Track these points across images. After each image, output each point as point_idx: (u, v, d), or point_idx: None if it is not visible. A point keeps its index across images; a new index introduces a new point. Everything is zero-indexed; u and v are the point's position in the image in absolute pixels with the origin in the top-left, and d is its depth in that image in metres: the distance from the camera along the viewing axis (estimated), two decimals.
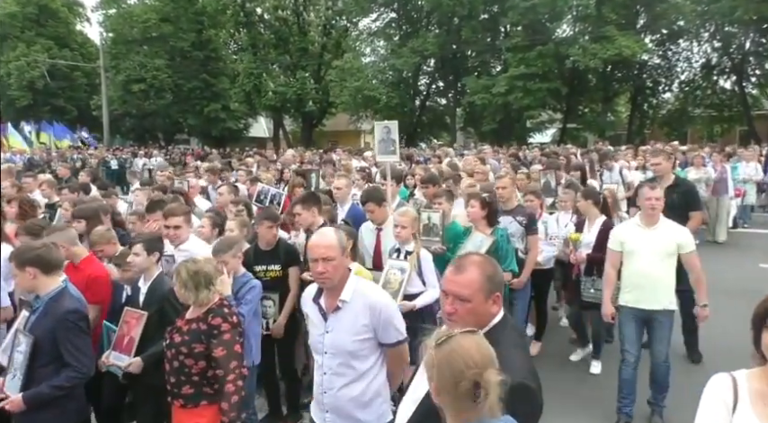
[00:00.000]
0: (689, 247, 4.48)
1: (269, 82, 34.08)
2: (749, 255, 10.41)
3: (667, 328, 4.52)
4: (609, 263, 4.67)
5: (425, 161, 13.67)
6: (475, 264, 2.13)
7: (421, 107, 34.19)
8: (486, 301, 2.08)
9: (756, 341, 1.89)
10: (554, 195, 7.57)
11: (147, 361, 3.55)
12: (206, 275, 3.18)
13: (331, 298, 2.82)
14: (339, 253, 2.75)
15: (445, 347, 1.66)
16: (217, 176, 9.41)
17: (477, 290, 2.05)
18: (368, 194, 5.20)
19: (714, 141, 25.17)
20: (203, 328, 3.10)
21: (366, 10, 32.62)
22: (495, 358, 1.67)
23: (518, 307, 5.44)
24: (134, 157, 26.09)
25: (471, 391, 1.61)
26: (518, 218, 5.53)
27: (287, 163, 12.61)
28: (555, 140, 30.15)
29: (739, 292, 8.01)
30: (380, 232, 5.05)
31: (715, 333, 6.22)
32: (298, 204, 5.00)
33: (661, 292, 4.44)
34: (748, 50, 27.61)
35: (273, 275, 4.68)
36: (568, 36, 28.01)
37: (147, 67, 35.20)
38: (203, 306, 3.19)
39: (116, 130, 38.28)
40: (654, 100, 31.48)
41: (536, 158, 13.15)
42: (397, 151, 6.02)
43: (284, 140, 38.53)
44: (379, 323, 2.76)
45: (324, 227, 4.07)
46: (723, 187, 11.38)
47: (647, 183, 5.70)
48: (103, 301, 4.09)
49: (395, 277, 4.40)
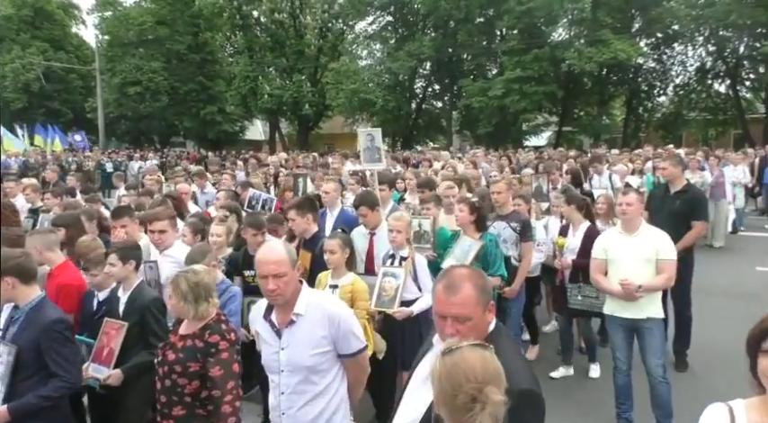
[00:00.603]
0: (666, 254, 4.35)
1: (265, 85, 34.05)
2: (745, 258, 10.44)
3: (656, 337, 4.39)
4: (594, 270, 4.60)
5: (418, 164, 13.52)
6: (465, 278, 2.07)
7: (417, 110, 34.23)
8: (484, 313, 2.06)
9: (753, 367, 1.79)
10: (547, 200, 7.49)
11: (127, 373, 3.44)
12: (206, 287, 3.00)
13: (283, 313, 2.70)
14: (290, 267, 2.64)
15: (448, 360, 1.66)
16: (205, 180, 9.28)
17: (475, 304, 2.02)
18: (361, 198, 5.13)
19: (708, 145, 25.24)
20: (199, 346, 2.88)
21: (362, 13, 32.68)
22: (501, 375, 1.65)
23: (513, 315, 5.37)
24: (129, 160, 26.03)
25: (468, 404, 1.59)
26: (512, 224, 5.42)
27: (274, 166, 12.40)
28: (550, 143, 30.18)
29: (737, 294, 8.02)
30: (373, 237, 4.98)
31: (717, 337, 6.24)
32: (292, 209, 4.93)
33: (643, 300, 4.35)
34: (742, 54, 27.78)
35: None
36: (564, 39, 28.11)
37: (142, 70, 35.14)
38: (200, 321, 2.98)
39: (111, 132, 38.17)
40: (649, 103, 31.59)
41: (530, 162, 13.03)
42: (382, 159, 5.89)
43: (280, 143, 38.54)
44: (338, 333, 2.67)
45: (274, 240, 3.95)
46: (720, 191, 11.32)
47: (664, 192, 5.83)
48: (71, 311, 3.91)
49: (389, 284, 4.34)
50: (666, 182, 6.07)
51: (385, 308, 4.28)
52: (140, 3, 38.23)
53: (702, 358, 5.94)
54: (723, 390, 5.36)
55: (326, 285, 4.14)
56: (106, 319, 3.63)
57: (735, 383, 5.49)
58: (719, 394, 4.75)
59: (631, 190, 4.68)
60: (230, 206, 5.94)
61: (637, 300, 4.32)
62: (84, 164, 24.04)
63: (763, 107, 28.66)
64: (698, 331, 5.93)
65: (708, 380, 5.55)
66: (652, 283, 4.34)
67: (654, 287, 4.37)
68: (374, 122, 33.17)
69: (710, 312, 6.65)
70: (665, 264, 4.34)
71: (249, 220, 4.92)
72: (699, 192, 6.28)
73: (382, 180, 5.99)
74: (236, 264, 4.85)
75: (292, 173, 9.89)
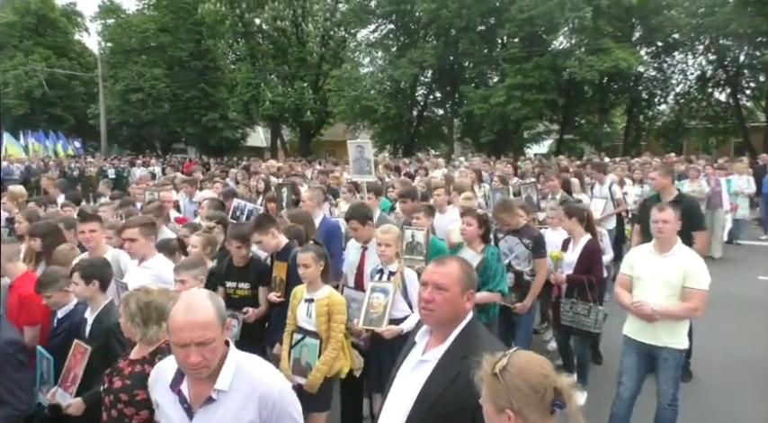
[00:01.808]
0: (694, 282, 3.94)
1: (267, 92, 34.08)
2: (747, 268, 10.42)
3: (672, 368, 4.05)
4: (618, 284, 4.39)
5: (415, 173, 13.23)
6: (455, 260, 2.32)
7: (418, 117, 34.24)
8: (462, 295, 2.21)
9: None
10: (537, 209, 7.25)
11: (88, 401, 3.15)
12: (159, 309, 2.70)
13: (200, 385, 2.07)
14: (219, 329, 2.03)
15: (512, 369, 1.64)
16: (195, 188, 9.04)
17: (456, 281, 2.20)
18: (352, 211, 4.94)
19: (709, 153, 25.26)
20: (149, 372, 2.52)
21: (364, 21, 32.74)
22: None
23: (522, 331, 5.18)
24: (132, 167, 26.11)
25: (553, 401, 1.60)
26: (524, 240, 5.22)
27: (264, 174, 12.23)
28: (552, 151, 30.21)
29: (741, 304, 8.04)
30: (365, 251, 4.80)
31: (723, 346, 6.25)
32: (255, 233, 4.59)
33: (662, 327, 4.01)
34: (742, 63, 27.79)
35: (242, 294, 4.57)
36: (565, 48, 28.12)
37: (145, 77, 35.25)
38: (151, 344, 2.73)
39: (113, 139, 38.29)
40: (650, 112, 31.55)
41: (529, 171, 12.89)
42: (371, 171, 5.74)
43: (282, 150, 38.56)
44: (271, 416, 2.09)
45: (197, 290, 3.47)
46: (717, 201, 11.22)
47: (655, 203, 5.40)
48: (40, 321, 3.78)
49: (378, 301, 4.12)
50: (657, 193, 5.91)
51: (373, 326, 4.10)
52: (143, 10, 38.41)
53: (706, 368, 5.91)
54: (728, 400, 5.37)
55: (302, 299, 3.98)
56: (76, 340, 3.40)
57: (737, 392, 5.50)
58: (725, 404, 4.72)
59: (668, 205, 4.26)
60: (217, 216, 5.74)
61: (653, 322, 4.01)
62: (87, 170, 24.13)
63: (763, 116, 28.62)
64: (705, 342, 5.88)
65: (714, 391, 5.54)
66: (669, 308, 3.95)
67: (671, 313, 3.97)
68: (375, 129, 33.27)
69: (716, 323, 6.63)
70: (693, 292, 3.94)
71: (233, 232, 4.74)
72: (691, 200, 6.04)
73: (369, 188, 5.85)
74: (218, 275, 4.67)
75: (275, 183, 9.61)
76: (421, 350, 2.28)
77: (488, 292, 4.54)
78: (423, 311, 2.23)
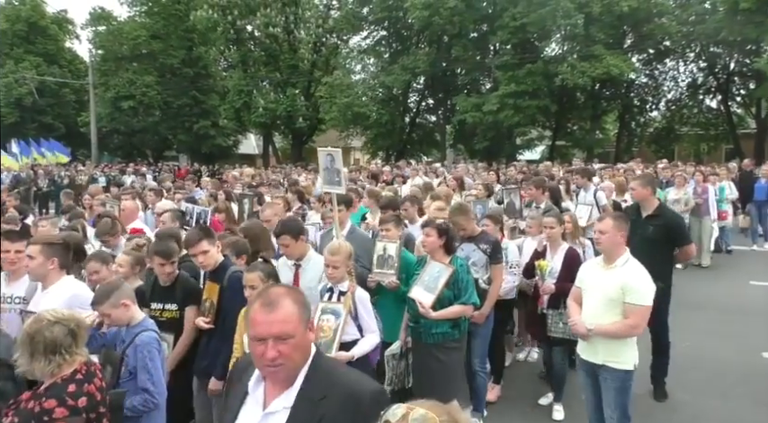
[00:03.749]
0: (634, 298, 3.70)
1: (259, 99, 34.02)
2: (736, 274, 10.39)
3: (612, 389, 3.78)
4: (570, 296, 4.25)
5: (392, 181, 12.81)
6: (283, 295, 1.89)
7: (411, 124, 34.23)
8: (306, 331, 1.90)
9: None
10: (520, 216, 7.09)
11: None
12: (48, 342, 2.46)
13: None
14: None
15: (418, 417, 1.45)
16: (159, 197, 8.66)
17: (297, 320, 1.85)
18: (282, 226, 4.49)
19: (700, 160, 25.34)
20: (36, 411, 2.36)
21: (356, 28, 32.79)
22: None
23: (478, 342, 4.95)
24: (122, 174, 25.91)
25: None
26: (481, 246, 5.04)
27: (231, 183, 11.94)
28: (544, 158, 30.23)
29: (733, 309, 7.98)
30: (298, 269, 4.42)
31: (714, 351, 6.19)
32: (190, 248, 4.09)
33: (600, 343, 3.80)
34: (733, 71, 28.08)
35: (169, 316, 4.11)
36: (557, 55, 28.24)
37: (136, 84, 35.05)
38: (51, 377, 2.49)
39: (104, 147, 38.06)
40: (641, 118, 31.76)
41: (512, 178, 12.57)
42: (342, 182, 5.38)
43: (274, 157, 38.45)
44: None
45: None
46: (705, 209, 11.08)
47: (633, 214, 5.30)
48: None
49: (327, 324, 3.82)
50: (637, 204, 5.56)
51: None
52: (134, 17, 38.22)
53: (698, 373, 5.87)
54: (719, 406, 5.27)
55: None
56: None
57: (728, 397, 5.41)
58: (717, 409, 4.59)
59: (609, 215, 4.13)
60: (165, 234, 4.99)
61: (589, 340, 3.85)
62: (77, 178, 23.92)
63: (753, 122, 28.84)
64: (697, 347, 5.87)
65: (706, 396, 5.48)
66: (605, 326, 3.74)
67: (607, 332, 3.75)
68: (368, 136, 33.21)
69: (708, 328, 6.57)
70: (633, 308, 3.70)
71: (155, 248, 4.20)
72: (672, 215, 5.59)
73: (339, 200, 5.45)
74: (143, 296, 4.10)
75: (237, 194, 9.34)
76: (259, 401, 1.90)
77: (461, 306, 4.31)
78: (268, 370, 1.84)
